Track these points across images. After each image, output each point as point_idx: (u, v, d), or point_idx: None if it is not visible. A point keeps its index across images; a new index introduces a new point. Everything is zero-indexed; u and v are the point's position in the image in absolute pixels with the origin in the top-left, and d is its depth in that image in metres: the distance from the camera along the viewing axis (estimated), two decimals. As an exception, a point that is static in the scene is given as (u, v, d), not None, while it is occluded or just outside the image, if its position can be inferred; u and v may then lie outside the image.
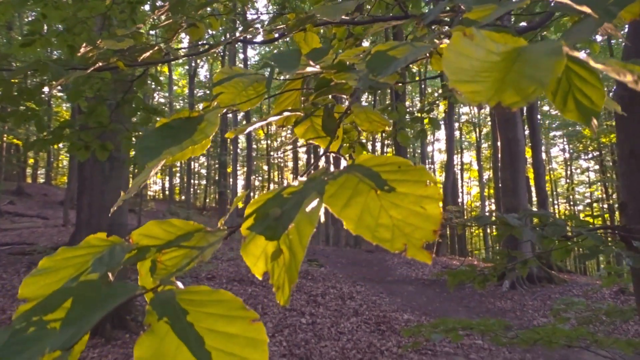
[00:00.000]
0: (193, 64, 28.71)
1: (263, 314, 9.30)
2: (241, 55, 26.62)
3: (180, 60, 30.50)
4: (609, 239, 2.35)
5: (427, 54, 0.77)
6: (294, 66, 0.70)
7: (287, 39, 2.58)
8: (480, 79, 0.49)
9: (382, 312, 10.48)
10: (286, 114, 0.86)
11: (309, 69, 0.73)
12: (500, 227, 2.13)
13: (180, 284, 0.52)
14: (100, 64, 1.99)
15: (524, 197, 12.68)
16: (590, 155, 28.36)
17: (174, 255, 0.61)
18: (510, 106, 0.48)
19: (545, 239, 2.47)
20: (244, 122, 28.20)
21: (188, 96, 27.11)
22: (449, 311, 10.82)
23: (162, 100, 29.41)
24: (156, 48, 2.30)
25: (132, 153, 4.50)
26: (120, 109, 3.31)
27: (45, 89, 3.50)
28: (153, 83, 3.61)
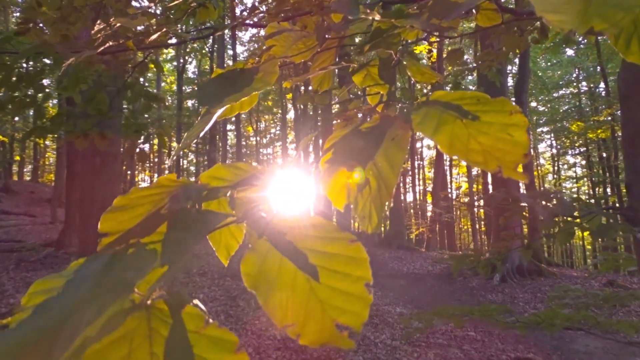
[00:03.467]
0: (182, 60, 28.46)
1: (256, 309, 9.29)
2: (230, 52, 26.46)
3: (169, 57, 30.17)
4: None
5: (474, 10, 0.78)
6: (355, 12, 0.70)
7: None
8: (563, 10, 0.49)
9: (375, 306, 10.51)
10: (327, 67, 0.86)
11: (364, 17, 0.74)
12: (511, 209, 2.15)
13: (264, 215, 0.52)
14: (111, 43, 1.96)
15: (514, 190, 12.80)
16: (577, 151, 28.74)
17: (246, 193, 0.61)
18: (602, 32, 0.49)
19: (550, 222, 2.50)
20: (233, 119, 28.06)
21: (177, 92, 26.87)
22: (441, 305, 10.89)
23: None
24: (164, 30, 2.28)
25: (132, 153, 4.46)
26: (121, 95, 3.27)
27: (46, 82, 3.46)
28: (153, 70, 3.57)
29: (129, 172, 28.70)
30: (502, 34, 2.68)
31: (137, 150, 4.18)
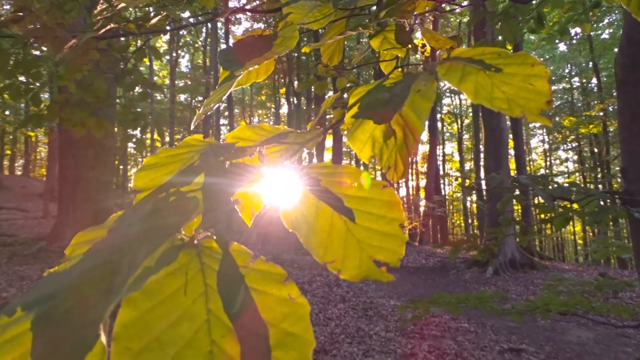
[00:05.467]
0: (174, 54, 28.28)
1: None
2: (223, 46, 26.32)
3: (161, 50, 29.88)
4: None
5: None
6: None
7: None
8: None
9: (369, 299, 10.55)
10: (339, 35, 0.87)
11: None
12: (508, 192, 2.18)
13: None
14: (112, 25, 1.95)
15: (508, 184, 12.87)
16: (569, 147, 28.95)
17: (274, 150, 0.62)
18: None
19: (545, 206, 2.53)
20: (226, 113, 27.93)
21: (169, 86, 26.70)
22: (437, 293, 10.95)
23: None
24: (163, 14, 2.28)
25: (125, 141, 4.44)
26: (119, 82, 3.26)
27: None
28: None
29: (121, 167, 28.53)
30: (501, 21, 2.70)
31: (134, 139, 4.16)
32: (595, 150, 24.23)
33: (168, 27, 2.48)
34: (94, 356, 0.34)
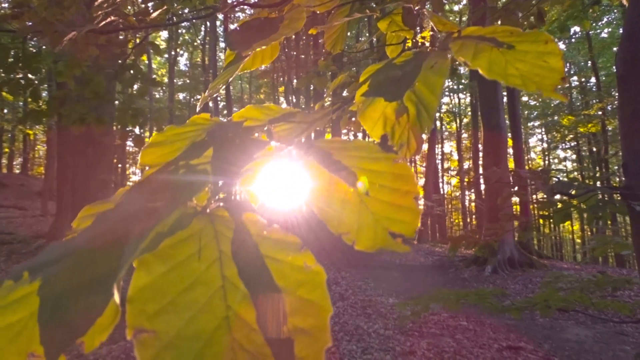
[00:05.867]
0: (173, 53, 28.23)
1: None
2: (222, 44, 26.28)
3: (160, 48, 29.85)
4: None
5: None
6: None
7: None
8: None
9: (368, 297, 10.55)
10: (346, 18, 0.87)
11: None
12: (507, 188, 2.17)
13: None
14: (112, 17, 1.94)
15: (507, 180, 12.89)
16: (567, 145, 28.99)
17: (283, 128, 0.62)
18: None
19: (546, 202, 2.53)
20: (225, 112, 27.90)
21: (168, 84, 26.65)
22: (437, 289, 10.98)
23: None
24: (164, 8, 2.27)
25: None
26: (119, 77, 3.24)
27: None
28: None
29: (119, 165, 28.49)
30: (502, 16, 2.70)
31: (133, 135, 4.15)
32: (594, 149, 24.27)
33: (168, 23, 2.47)
34: (106, 317, 0.34)
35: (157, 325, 0.33)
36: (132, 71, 3.30)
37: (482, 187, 16.13)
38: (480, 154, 18.44)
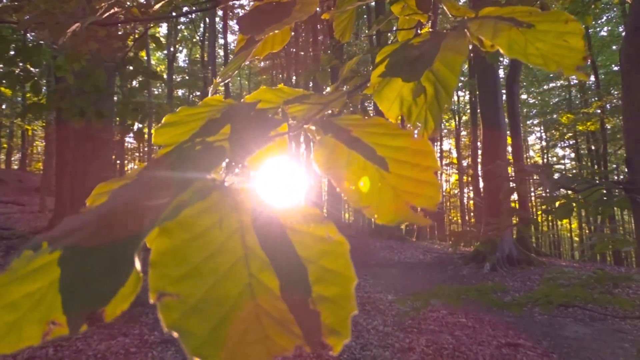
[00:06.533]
0: (172, 49, 28.19)
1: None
2: (221, 41, 26.26)
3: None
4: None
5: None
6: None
7: None
8: None
9: (367, 294, 10.56)
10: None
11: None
12: (510, 182, 2.17)
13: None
14: (116, 9, 1.93)
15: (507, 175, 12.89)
16: (566, 144, 29.02)
17: (297, 109, 0.61)
18: None
19: (549, 197, 2.53)
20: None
21: (167, 81, 26.60)
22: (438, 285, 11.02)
23: (137, 86, 28.77)
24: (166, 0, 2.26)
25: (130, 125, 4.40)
26: (120, 71, 3.23)
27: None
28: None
29: (118, 162, 28.45)
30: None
31: (134, 130, 4.14)
32: (593, 147, 24.29)
33: (170, 15, 2.46)
34: (128, 286, 0.33)
35: (181, 290, 0.32)
36: (133, 65, 3.28)
37: (481, 185, 16.16)
38: (480, 152, 18.44)
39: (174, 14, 2.45)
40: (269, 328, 0.32)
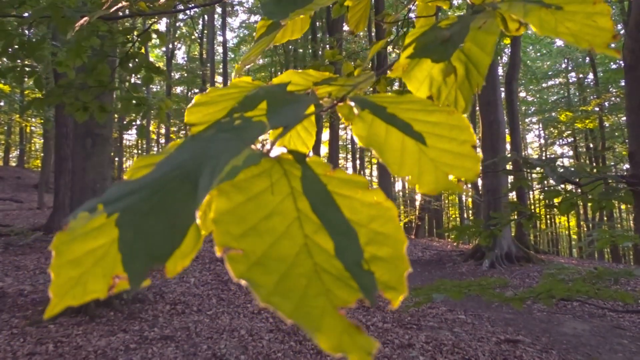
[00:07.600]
0: (170, 46, 28.14)
1: (247, 293, 9.29)
2: (220, 38, 26.23)
3: (157, 42, 29.85)
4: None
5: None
6: None
7: None
8: None
9: (366, 290, 10.56)
10: None
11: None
12: (516, 175, 2.19)
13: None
14: (123, 2, 1.94)
15: (504, 178, 12.94)
16: (565, 142, 29.09)
17: (327, 90, 0.62)
18: None
19: (552, 191, 2.55)
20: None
21: (165, 78, 26.53)
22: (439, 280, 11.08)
23: (138, 81, 28.73)
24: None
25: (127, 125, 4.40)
26: (123, 66, 3.23)
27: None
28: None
29: (116, 159, 28.40)
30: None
31: (136, 126, 4.14)
32: (591, 145, 24.35)
33: (175, 10, 2.46)
34: (187, 243, 0.34)
35: (244, 246, 0.34)
36: (136, 60, 3.29)
37: (480, 182, 16.19)
38: (478, 149, 18.45)
39: (180, 6, 2.45)
40: (329, 283, 0.33)
